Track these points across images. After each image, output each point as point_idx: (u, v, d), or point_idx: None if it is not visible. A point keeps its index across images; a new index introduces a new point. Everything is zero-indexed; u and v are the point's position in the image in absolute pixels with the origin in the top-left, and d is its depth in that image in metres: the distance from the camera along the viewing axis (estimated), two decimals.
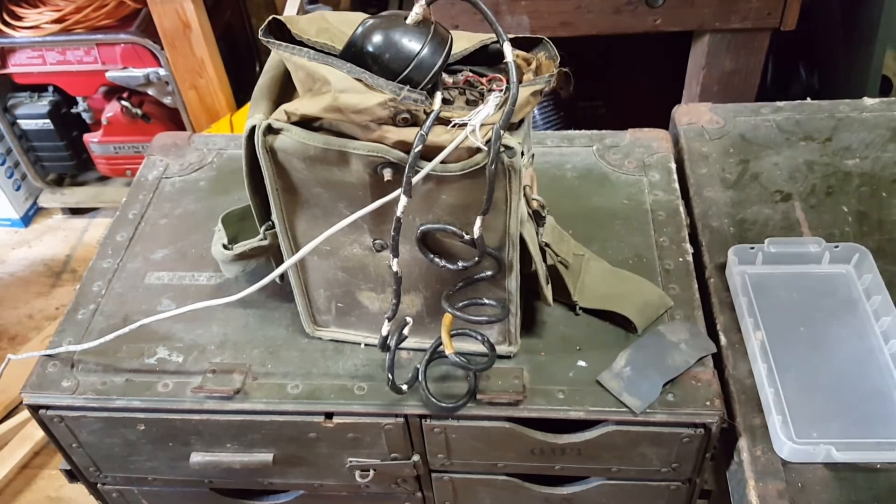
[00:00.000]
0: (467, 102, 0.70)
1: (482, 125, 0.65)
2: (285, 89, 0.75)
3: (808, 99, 1.18)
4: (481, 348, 0.82)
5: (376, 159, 0.68)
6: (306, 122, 0.69)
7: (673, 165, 1.08)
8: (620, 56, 2.02)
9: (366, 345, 0.89)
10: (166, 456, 0.91)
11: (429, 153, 0.66)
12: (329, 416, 0.84)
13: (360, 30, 0.67)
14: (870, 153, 1.08)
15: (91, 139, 2.11)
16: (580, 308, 0.90)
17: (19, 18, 1.88)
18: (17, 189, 2.26)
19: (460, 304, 0.79)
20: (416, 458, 0.88)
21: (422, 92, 0.66)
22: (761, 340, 0.85)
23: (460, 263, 0.75)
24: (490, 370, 0.82)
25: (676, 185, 1.05)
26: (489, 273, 0.76)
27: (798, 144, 1.10)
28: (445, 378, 0.84)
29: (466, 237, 0.72)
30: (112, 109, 2.04)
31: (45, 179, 2.27)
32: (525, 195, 0.75)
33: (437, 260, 0.75)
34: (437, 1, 0.65)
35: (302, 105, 0.68)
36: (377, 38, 0.66)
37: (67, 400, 0.86)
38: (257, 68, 2.22)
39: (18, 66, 1.98)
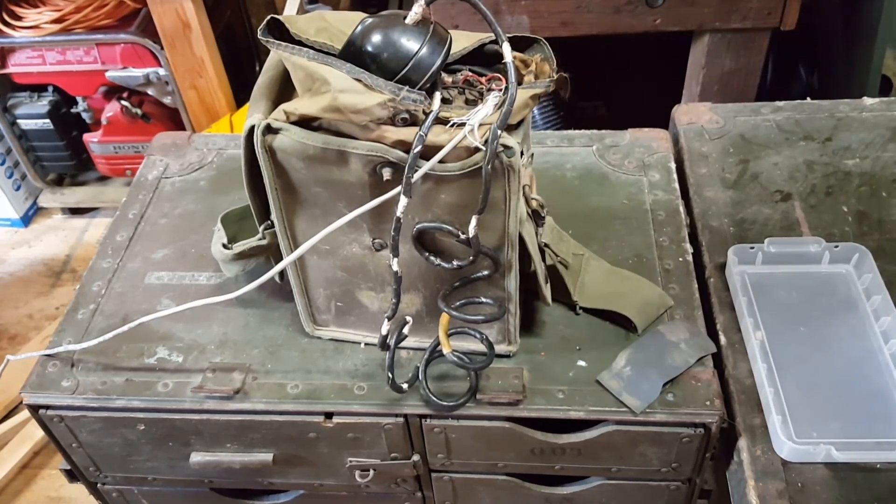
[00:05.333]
0: (466, 102, 0.70)
1: (481, 125, 0.65)
2: (284, 89, 0.75)
3: (808, 99, 1.18)
4: (481, 347, 0.82)
5: (375, 159, 0.68)
6: (305, 122, 0.69)
7: (673, 165, 1.08)
8: (620, 56, 2.02)
9: (365, 344, 0.89)
10: (166, 456, 0.91)
11: (428, 153, 0.66)
12: (329, 415, 0.84)
13: (359, 29, 0.67)
14: (870, 153, 1.08)
15: (91, 139, 2.11)
16: (580, 308, 0.90)
17: (19, 18, 1.88)
18: (17, 189, 2.26)
19: (457, 304, 0.79)
20: (416, 457, 0.88)
21: (421, 92, 0.66)
22: (761, 340, 0.85)
23: (455, 262, 0.75)
24: (490, 370, 0.82)
25: (676, 185, 1.05)
26: (486, 273, 0.76)
27: (798, 144, 1.10)
28: (445, 377, 0.84)
29: (462, 236, 0.72)
30: (112, 109, 2.04)
31: (45, 179, 2.27)
32: (524, 195, 0.75)
33: (432, 258, 0.75)
34: (437, 1, 0.65)
35: (301, 105, 0.68)
36: (376, 38, 0.66)
37: (67, 400, 0.86)
38: (257, 68, 2.22)
39: (18, 65, 1.98)
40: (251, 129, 0.70)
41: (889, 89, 1.68)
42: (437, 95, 0.67)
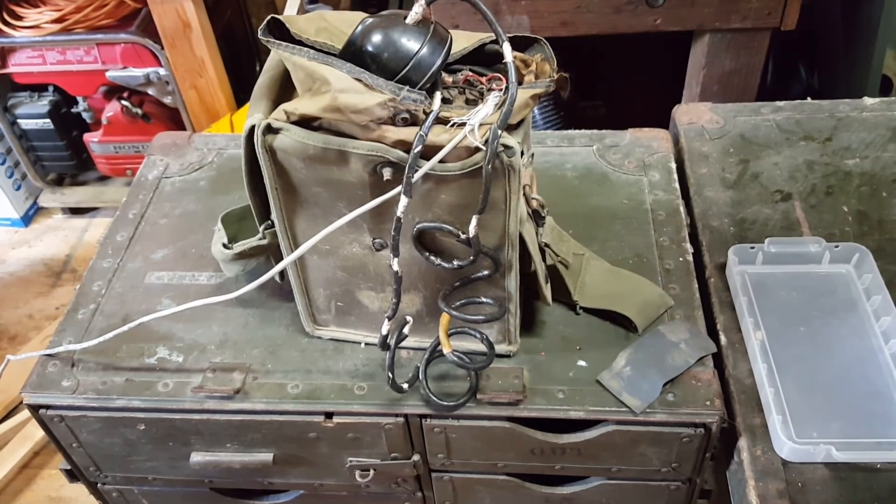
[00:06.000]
0: (467, 102, 0.70)
1: (481, 125, 0.65)
2: (285, 89, 0.75)
3: (808, 99, 1.18)
4: (481, 347, 0.82)
5: (376, 159, 0.68)
6: (306, 122, 0.69)
7: (673, 165, 1.08)
8: (621, 56, 2.02)
9: (366, 344, 0.89)
10: (166, 456, 0.91)
11: (428, 153, 0.66)
12: (329, 415, 0.84)
13: (359, 29, 0.67)
14: (870, 153, 1.08)
15: (91, 139, 2.11)
16: (580, 308, 0.90)
17: (19, 18, 1.88)
18: (17, 189, 2.26)
19: (457, 303, 0.79)
20: (416, 457, 0.88)
21: (421, 92, 0.66)
22: (761, 340, 0.85)
23: (455, 262, 0.75)
24: (490, 370, 0.82)
25: (676, 185, 1.05)
26: (486, 273, 0.76)
27: (798, 144, 1.10)
28: (445, 377, 0.84)
29: (462, 236, 0.72)
30: (112, 109, 2.04)
31: (45, 179, 2.27)
32: (525, 195, 0.75)
33: (432, 258, 0.75)
34: (437, 1, 0.65)
35: (301, 105, 0.68)
36: (376, 38, 0.66)
37: (67, 400, 0.86)
38: (257, 68, 2.22)
39: (18, 65, 1.98)
40: (251, 129, 0.70)
41: (889, 89, 1.68)
42: (438, 95, 0.67)
